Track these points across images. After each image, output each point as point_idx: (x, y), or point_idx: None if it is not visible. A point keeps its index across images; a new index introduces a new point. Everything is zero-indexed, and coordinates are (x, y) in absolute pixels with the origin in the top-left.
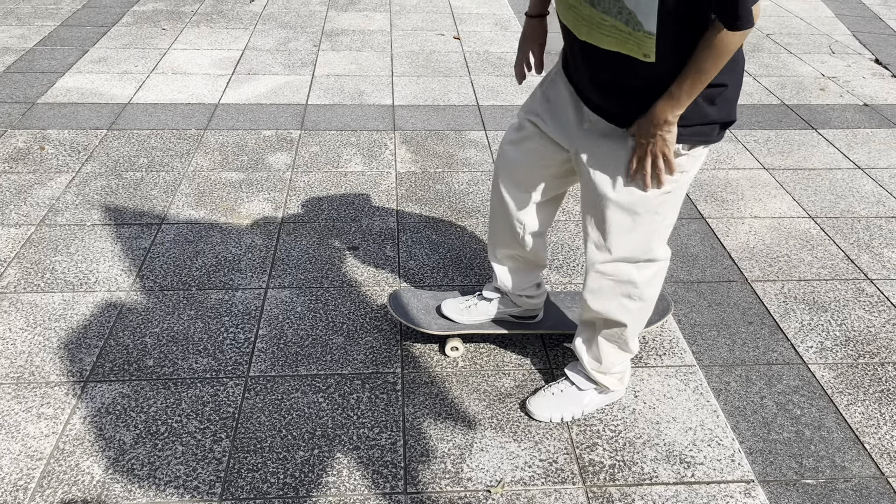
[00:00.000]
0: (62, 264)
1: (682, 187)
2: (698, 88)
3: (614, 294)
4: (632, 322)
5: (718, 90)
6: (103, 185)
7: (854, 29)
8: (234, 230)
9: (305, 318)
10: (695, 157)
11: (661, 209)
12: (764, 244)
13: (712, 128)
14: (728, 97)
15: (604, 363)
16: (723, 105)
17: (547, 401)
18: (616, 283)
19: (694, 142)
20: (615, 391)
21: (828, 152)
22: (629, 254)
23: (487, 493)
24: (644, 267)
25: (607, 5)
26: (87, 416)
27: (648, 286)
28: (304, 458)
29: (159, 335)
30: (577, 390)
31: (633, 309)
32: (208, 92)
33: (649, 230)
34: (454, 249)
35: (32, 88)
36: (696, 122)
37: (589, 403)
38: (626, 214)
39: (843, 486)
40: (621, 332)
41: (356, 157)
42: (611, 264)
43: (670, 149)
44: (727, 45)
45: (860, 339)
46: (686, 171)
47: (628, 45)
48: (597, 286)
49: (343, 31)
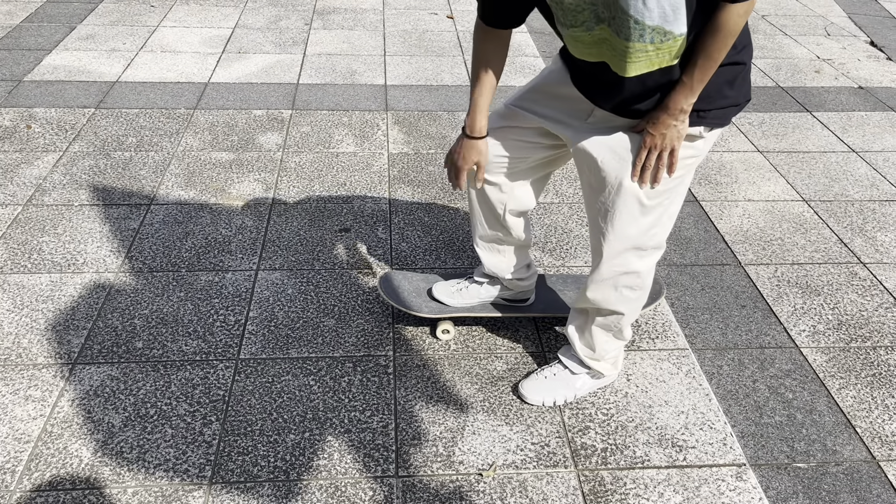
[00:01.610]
0: (49, 245)
1: (692, 172)
2: (709, 73)
3: (615, 284)
4: (629, 311)
5: (738, 68)
6: (91, 165)
7: (850, 11)
8: (225, 211)
9: (296, 300)
10: (709, 141)
11: (670, 194)
12: (757, 227)
13: (730, 110)
14: (746, 76)
15: (597, 350)
16: (740, 85)
17: (539, 384)
18: (621, 273)
19: (714, 125)
20: (608, 375)
21: (822, 135)
22: (638, 242)
23: (479, 476)
24: (648, 255)
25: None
26: (75, 398)
27: (649, 275)
28: (294, 441)
29: (148, 317)
30: (570, 374)
31: (632, 298)
32: (198, 70)
33: (657, 216)
34: (446, 232)
35: (19, 66)
36: (716, 106)
37: (581, 387)
38: (635, 202)
39: (835, 469)
40: (617, 321)
41: (348, 138)
42: (622, 255)
43: (681, 140)
44: (732, 25)
45: (852, 323)
46: (699, 155)
47: (656, 60)
48: (601, 278)
49: (335, 10)
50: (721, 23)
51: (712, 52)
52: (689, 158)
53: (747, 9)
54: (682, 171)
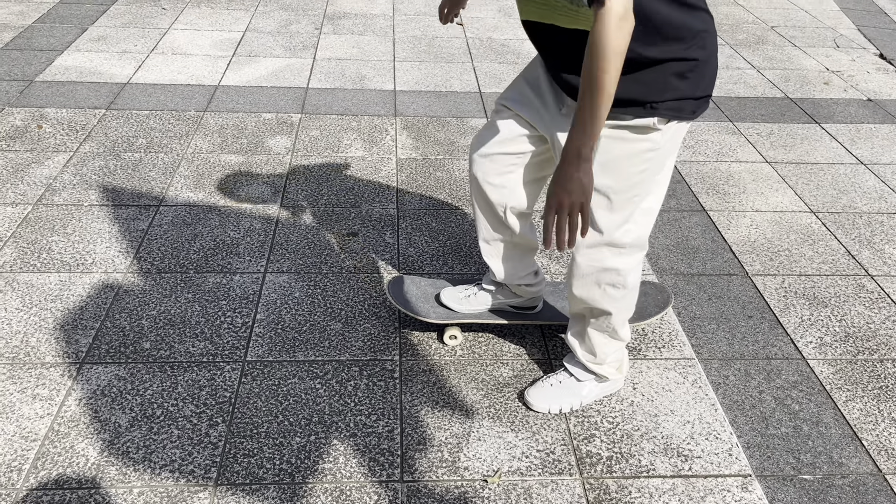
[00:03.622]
0: (59, 244)
1: (659, 167)
2: (601, 105)
3: (597, 281)
4: (616, 310)
5: (689, 64)
6: (101, 166)
7: (859, 23)
8: (233, 213)
9: (303, 303)
10: (669, 134)
11: (638, 189)
12: (765, 238)
13: (686, 103)
14: (702, 72)
15: (598, 354)
16: (696, 80)
17: (545, 392)
18: (599, 270)
19: (669, 116)
20: (613, 380)
21: (831, 147)
22: (609, 238)
23: (484, 482)
24: (626, 253)
25: None
26: (82, 397)
27: (631, 274)
28: (300, 444)
29: (156, 318)
30: (576, 381)
31: (616, 297)
32: (208, 73)
33: (627, 212)
34: (454, 237)
35: (31, 66)
36: (667, 98)
37: (588, 394)
38: (601, 196)
39: (841, 482)
40: (608, 321)
41: (357, 143)
42: (593, 249)
43: (589, 195)
44: (606, 41)
45: (860, 336)
46: (658, 148)
47: (580, 20)
48: (580, 273)
49: (345, 15)
50: (595, 37)
51: (595, 75)
52: (648, 152)
53: (618, 20)
54: (644, 165)
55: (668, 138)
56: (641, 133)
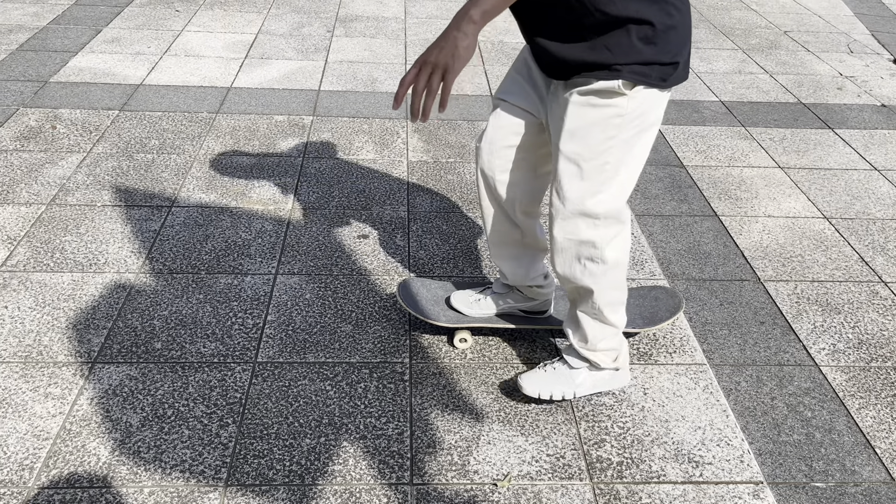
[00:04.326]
0: (72, 244)
1: (632, 137)
2: None
3: (577, 256)
4: (598, 287)
5: (654, 29)
6: (114, 166)
7: (873, 28)
8: (245, 215)
9: (314, 305)
10: (637, 100)
11: (607, 156)
12: (777, 244)
13: (652, 68)
14: (668, 37)
15: (589, 339)
16: (662, 45)
17: (538, 377)
18: (576, 243)
19: (632, 80)
20: (610, 372)
21: (844, 152)
22: (583, 207)
23: (494, 486)
24: (601, 225)
25: None
26: (94, 397)
27: (608, 247)
28: (310, 445)
29: (168, 318)
30: (569, 368)
31: (596, 272)
32: (221, 75)
33: (598, 180)
34: (465, 240)
35: (45, 67)
36: (631, 61)
37: (582, 384)
38: (571, 163)
39: (853, 490)
40: (593, 301)
41: (368, 145)
42: (569, 221)
43: (459, 62)
44: None
45: (873, 343)
46: (625, 114)
47: None
48: (558, 248)
49: (357, 18)
50: None
51: None
52: (615, 118)
53: None
54: (612, 132)
55: (637, 105)
56: (607, 98)
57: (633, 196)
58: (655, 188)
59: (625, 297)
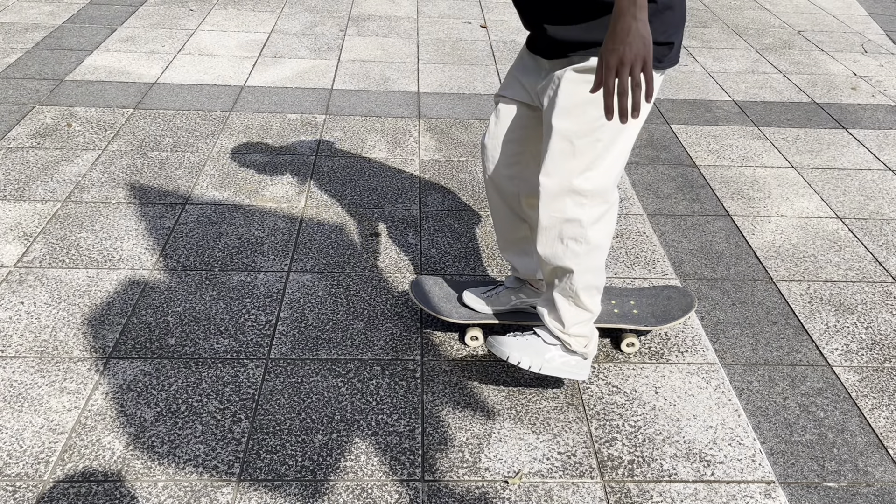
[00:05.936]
0: (87, 241)
1: None
2: None
3: (560, 235)
4: (579, 268)
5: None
6: (129, 164)
7: (887, 28)
8: (258, 212)
9: (327, 302)
10: None
11: (600, 133)
12: (790, 244)
13: None
14: (663, 17)
15: (565, 322)
16: (656, 24)
17: (512, 340)
18: (561, 221)
19: None
20: (576, 355)
21: (858, 153)
22: (572, 184)
23: (505, 483)
24: (587, 204)
25: None
26: (108, 392)
27: (593, 228)
28: (322, 441)
29: (181, 314)
30: (542, 343)
31: (579, 252)
32: (234, 74)
33: (589, 157)
34: (476, 238)
35: (61, 65)
36: None
37: (551, 360)
38: (564, 140)
39: (866, 490)
40: (570, 282)
41: (380, 144)
42: (557, 199)
43: (650, 50)
44: None
45: (887, 343)
46: None
47: None
48: (543, 226)
49: (369, 17)
50: None
51: None
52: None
53: None
54: (596, 112)
55: None
56: (586, 74)
57: (646, 195)
58: (668, 187)
59: (602, 284)
